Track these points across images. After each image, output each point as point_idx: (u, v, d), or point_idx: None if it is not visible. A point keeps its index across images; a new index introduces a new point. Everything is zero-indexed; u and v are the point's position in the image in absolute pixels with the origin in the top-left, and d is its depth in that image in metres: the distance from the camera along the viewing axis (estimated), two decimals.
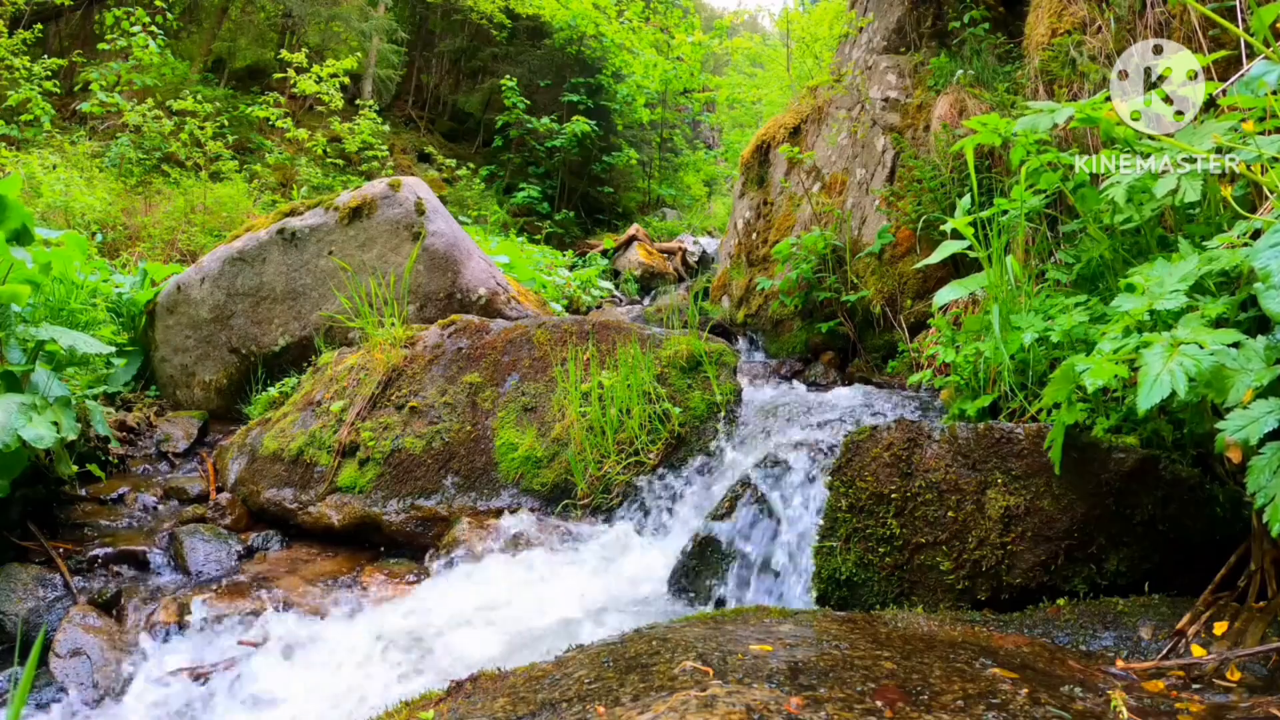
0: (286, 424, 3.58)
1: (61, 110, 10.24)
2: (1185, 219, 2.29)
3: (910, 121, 4.74)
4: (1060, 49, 3.46)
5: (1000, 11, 4.70)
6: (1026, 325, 2.35)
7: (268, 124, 10.85)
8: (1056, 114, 2.27)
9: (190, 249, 7.63)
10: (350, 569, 2.91)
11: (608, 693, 1.27)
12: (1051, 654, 1.54)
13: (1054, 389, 1.89)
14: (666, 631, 1.67)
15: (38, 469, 3.11)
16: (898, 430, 2.15)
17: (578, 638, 1.89)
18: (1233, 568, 1.72)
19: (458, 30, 15.67)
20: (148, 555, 2.93)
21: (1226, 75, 2.44)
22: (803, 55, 9.52)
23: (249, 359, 4.54)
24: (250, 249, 4.57)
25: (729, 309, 5.89)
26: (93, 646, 2.32)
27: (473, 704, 1.41)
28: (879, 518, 2.07)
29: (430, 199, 4.67)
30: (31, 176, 7.30)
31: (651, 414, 3.09)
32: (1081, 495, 1.92)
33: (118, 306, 4.86)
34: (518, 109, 13.47)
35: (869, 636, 1.57)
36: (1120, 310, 1.84)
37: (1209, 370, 1.51)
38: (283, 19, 13.75)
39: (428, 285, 4.52)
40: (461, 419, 3.31)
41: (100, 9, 10.81)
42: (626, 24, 14.76)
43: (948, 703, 1.19)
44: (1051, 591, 1.92)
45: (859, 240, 4.73)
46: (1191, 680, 1.45)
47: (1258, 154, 1.75)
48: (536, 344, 3.51)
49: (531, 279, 7.22)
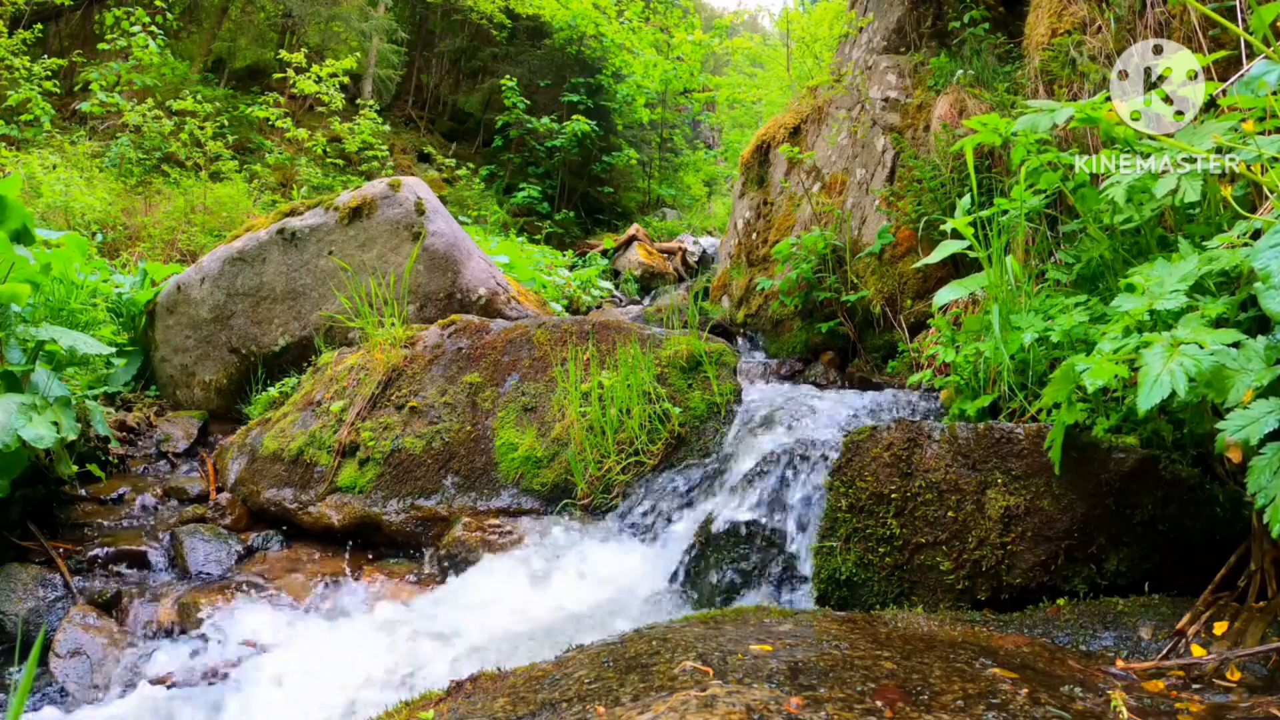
0: (286, 424, 3.58)
1: (61, 110, 10.24)
2: (1185, 219, 2.29)
3: (910, 121, 4.73)
4: (1060, 49, 3.46)
5: (1000, 11, 4.70)
6: (1026, 325, 2.35)
7: (268, 124, 10.85)
8: (1057, 113, 2.27)
9: (190, 249, 7.63)
10: (350, 569, 2.91)
11: (608, 693, 1.27)
12: (1051, 654, 1.54)
13: (1054, 389, 1.89)
14: (666, 631, 1.67)
15: (38, 469, 3.11)
16: (898, 430, 2.15)
17: (577, 638, 1.89)
18: (1233, 568, 1.72)
19: (458, 30, 15.67)
20: (148, 555, 2.93)
21: (1226, 75, 2.44)
22: (803, 55, 9.52)
23: (249, 359, 4.54)
24: (250, 249, 4.57)
25: (729, 309, 5.89)
26: (93, 646, 2.32)
27: (473, 704, 1.41)
28: (879, 518, 2.07)
29: (430, 199, 4.67)
30: (31, 176, 7.30)
31: (651, 414, 3.09)
32: (1081, 495, 1.92)
33: (118, 306, 4.86)
34: (518, 109, 13.47)
35: (869, 636, 1.57)
36: (1120, 310, 1.84)
37: (1209, 370, 1.51)
38: (283, 19, 13.75)
39: (428, 285, 4.52)
40: (461, 419, 3.31)
41: (100, 9, 10.81)
42: (626, 24, 14.76)
43: (948, 703, 1.19)
44: (1051, 591, 1.92)
45: (859, 240, 4.73)
46: (1191, 680, 1.45)
47: (1258, 154, 1.75)
48: (536, 344, 3.51)
49: (531, 279, 7.22)
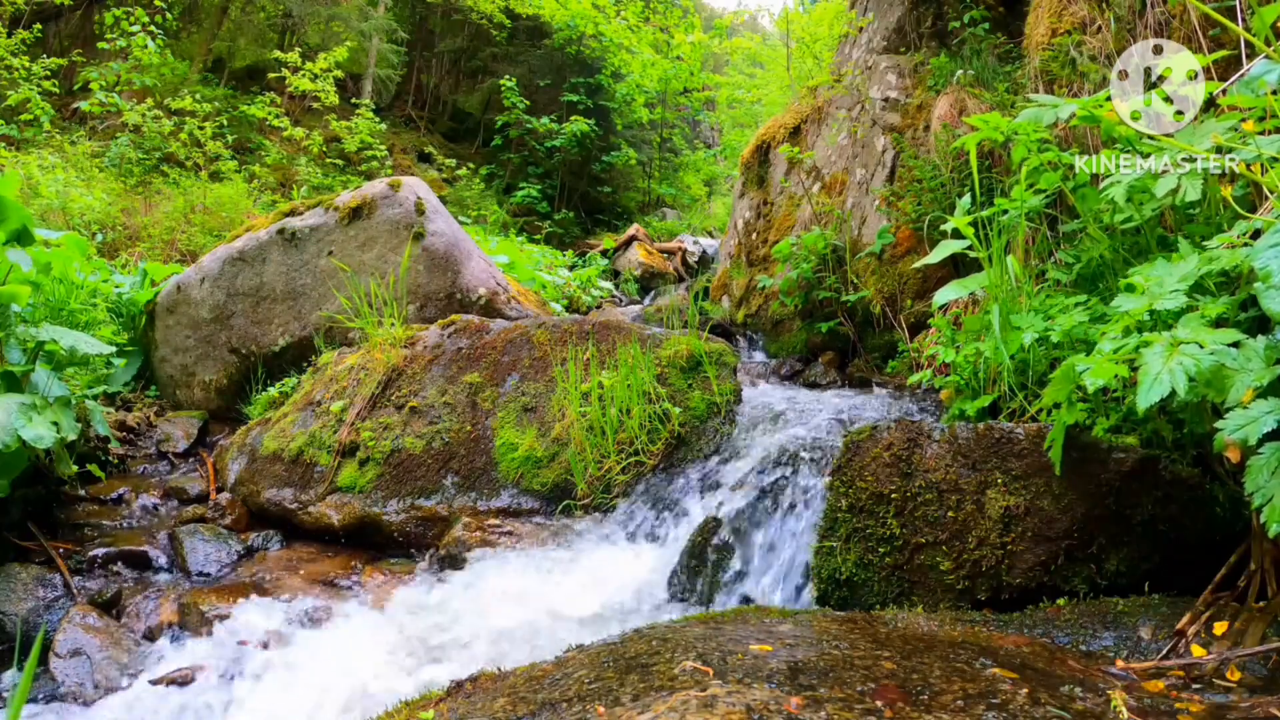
0: (286, 424, 3.58)
1: (61, 110, 10.24)
2: (1185, 219, 2.29)
3: (910, 121, 4.73)
4: (1060, 49, 3.46)
5: (1000, 11, 4.70)
6: (1026, 325, 2.35)
7: (267, 124, 10.85)
8: (1060, 109, 2.27)
9: (190, 249, 7.62)
10: (350, 569, 2.91)
11: (608, 693, 1.27)
12: (1051, 654, 1.54)
13: (1054, 389, 1.89)
14: (666, 631, 1.67)
15: (38, 469, 3.11)
16: (898, 430, 2.15)
17: (577, 638, 1.89)
18: (1233, 568, 1.72)
19: (458, 30, 15.66)
20: (148, 555, 2.93)
21: (1226, 75, 2.43)
22: (803, 55, 9.52)
23: (249, 359, 4.53)
24: (250, 249, 4.57)
25: (729, 309, 5.89)
26: (93, 646, 2.32)
27: (473, 704, 1.41)
28: (879, 518, 2.07)
29: (430, 199, 4.67)
30: (30, 176, 7.29)
31: (651, 414, 3.09)
32: (1081, 495, 1.92)
33: (118, 306, 4.86)
34: (517, 109, 13.47)
35: (869, 636, 1.57)
36: (1120, 310, 1.84)
37: (1209, 370, 1.51)
38: (283, 19, 13.75)
39: (428, 285, 4.52)
40: (461, 419, 3.31)
41: (100, 9, 10.79)
42: (625, 24, 14.76)
43: (948, 703, 1.19)
44: (1051, 591, 1.92)
45: (859, 240, 4.73)
46: (1191, 680, 1.45)
47: (1258, 154, 1.75)
48: (536, 344, 3.51)
49: (531, 279, 7.22)
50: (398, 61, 14.80)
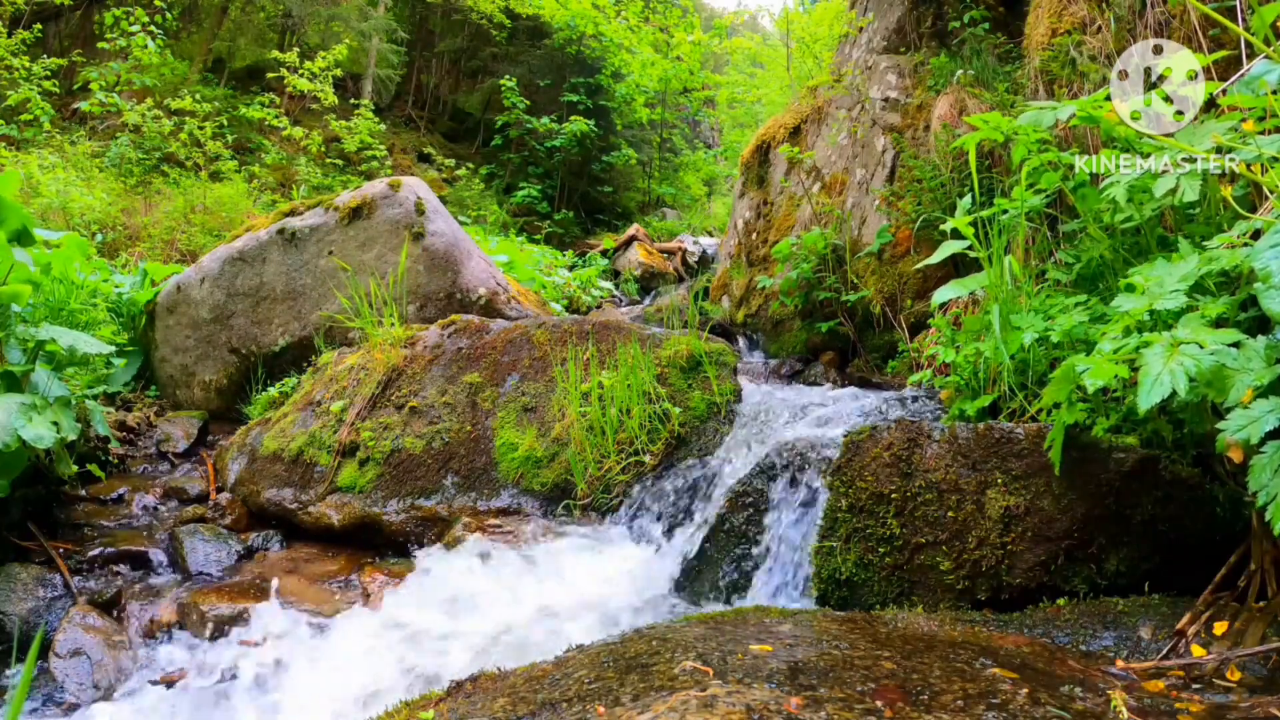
0: (286, 424, 3.58)
1: (61, 110, 10.23)
2: (1185, 219, 2.29)
3: (910, 121, 4.73)
4: (1060, 49, 3.46)
5: (1000, 11, 4.70)
6: (1026, 325, 2.35)
7: (266, 124, 10.85)
8: (1059, 110, 2.27)
9: (190, 249, 7.62)
10: (350, 569, 2.91)
11: (608, 693, 1.27)
12: (1051, 654, 1.54)
13: (1054, 389, 1.89)
14: (666, 631, 1.67)
15: (38, 469, 3.11)
16: (898, 430, 2.15)
17: (577, 638, 1.89)
18: (1233, 568, 1.72)
19: (458, 30, 15.66)
20: (148, 555, 2.93)
21: (1227, 75, 2.43)
22: (803, 55, 9.52)
23: (249, 359, 4.53)
24: (250, 249, 4.57)
25: (729, 309, 5.89)
26: (93, 646, 2.32)
27: (473, 704, 1.41)
28: (879, 518, 2.07)
29: (430, 199, 4.67)
30: (30, 176, 7.29)
31: (651, 414, 3.09)
32: (1081, 495, 1.92)
33: (118, 306, 4.86)
34: (517, 109, 13.47)
35: (869, 636, 1.57)
36: (1120, 310, 1.84)
37: (1209, 370, 1.51)
38: (283, 19, 13.75)
39: (428, 285, 4.52)
40: (461, 419, 3.31)
41: (100, 9, 10.79)
42: (625, 23, 14.76)
43: (948, 703, 1.19)
44: (1051, 591, 1.92)
45: (859, 240, 4.73)
46: (1191, 680, 1.45)
47: (1258, 154, 1.75)
48: (536, 344, 3.51)
49: (531, 279, 7.22)
50: (397, 61, 14.80)
